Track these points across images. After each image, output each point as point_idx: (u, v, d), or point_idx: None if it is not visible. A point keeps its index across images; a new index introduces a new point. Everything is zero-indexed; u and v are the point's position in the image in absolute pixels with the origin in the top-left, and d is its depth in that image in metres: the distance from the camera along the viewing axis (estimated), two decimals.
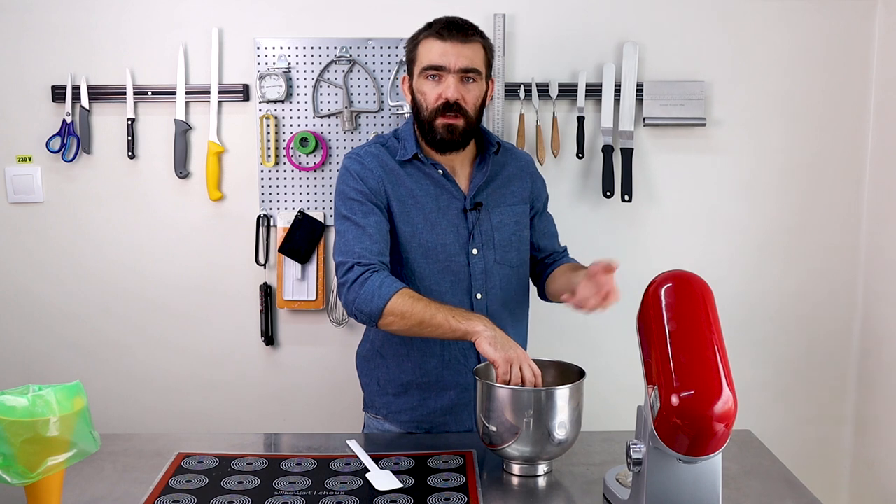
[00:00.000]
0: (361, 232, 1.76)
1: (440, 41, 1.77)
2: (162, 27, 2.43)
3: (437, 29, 1.78)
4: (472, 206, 1.85)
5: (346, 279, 1.72)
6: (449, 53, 1.76)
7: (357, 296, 1.69)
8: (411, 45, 1.84)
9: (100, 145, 2.47)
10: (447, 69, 1.76)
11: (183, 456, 1.65)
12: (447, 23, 1.79)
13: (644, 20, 2.42)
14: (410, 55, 1.84)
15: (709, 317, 1.34)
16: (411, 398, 1.89)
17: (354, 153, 1.86)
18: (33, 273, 2.52)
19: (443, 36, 1.77)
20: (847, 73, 2.44)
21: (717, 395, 1.24)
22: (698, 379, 1.26)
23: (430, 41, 1.78)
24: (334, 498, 1.48)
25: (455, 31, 1.77)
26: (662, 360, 1.30)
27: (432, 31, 1.79)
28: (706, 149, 2.47)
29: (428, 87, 1.79)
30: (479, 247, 1.85)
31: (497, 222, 1.88)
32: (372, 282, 1.69)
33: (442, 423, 1.90)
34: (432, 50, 1.77)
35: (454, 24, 1.79)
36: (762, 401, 2.53)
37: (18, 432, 1.24)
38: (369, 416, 1.98)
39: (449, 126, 1.78)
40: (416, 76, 1.81)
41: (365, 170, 1.82)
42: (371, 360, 1.95)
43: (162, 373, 2.55)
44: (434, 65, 1.77)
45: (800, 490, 1.56)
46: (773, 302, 2.53)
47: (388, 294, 1.67)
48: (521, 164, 1.98)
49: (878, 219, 2.44)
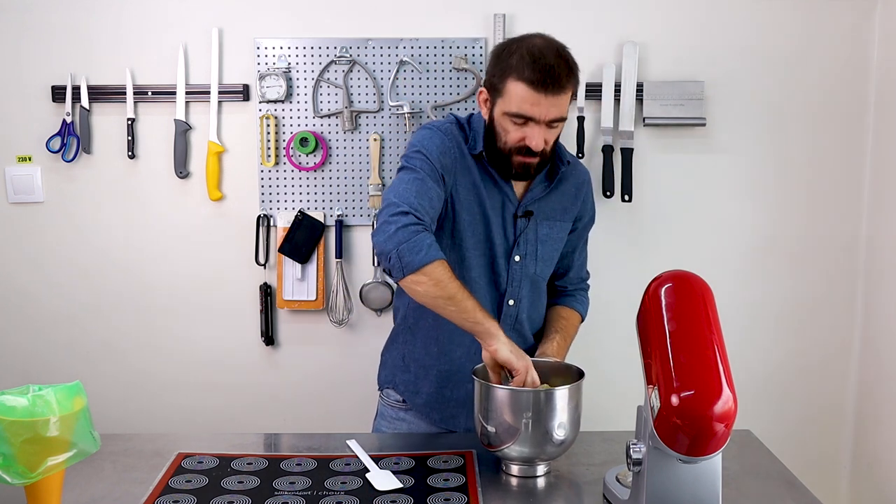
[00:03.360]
0: (425, 190, 1.69)
1: (533, 91, 1.64)
2: (162, 27, 2.43)
3: (532, 76, 1.64)
4: (522, 212, 1.83)
5: (395, 221, 1.62)
6: (541, 105, 1.65)
7: (403, 241, 1.59)
8: (498, 72, 1.70)
9: (100, 145, 2.47)
10: (536, 120, 1.68)
11: (183, 456, 1.65)
12: (544, 72, 1.64)
13: (644, 20, 2.42)
14: (496, 82, 1.71)
15: (709, 317, 1.34)
16: (430, 382, 1.88)
17: (436, 126, 1.80)
18: (33, 273, 2.52)
19: (536, 86, 1.64)
20: (847, 73, 2.44)
21: (717, 395, 1.24)
22: (698, 379, 1.26)
23: (522, 87, 1.65)
24: (334, 498, 1.48)
25: (551, 83, 1.64)
26: (662, 360, 1.30)
27: (526, 75, 1.64)
28: (706, 149, 2.47)
29: (511, 127, 1.70)
30: (522, 255, 1.84)
31: (543, 235, 1.86)
32: (423, 237, 1.60)
33: (453, 415, 1.89)
34: (523, 98, 1.66)
35: (551, 74, 1.64)
36: (762, 401, 2.53)
37: (18, 432, 1.24)
38: (385, 398, 1.96)
39: (524, 164, 1.74)
40: (500, 110, 1.71)
41: (445, 145, 1.76)
42: (400, 335, 1.93)
43: (162, 373, 2.55)
44: (523, 115, 1.67)
45: (800, 490, 1.56)
46: (772, 302, 2.53)
47: (434, 256, 1.59)
48: (578, 182, 1.93)
49: (878, 219, 2.44)
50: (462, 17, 2.41)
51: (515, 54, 1.67)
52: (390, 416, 1.94)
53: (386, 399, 1.96)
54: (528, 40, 1.70)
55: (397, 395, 1.93)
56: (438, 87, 2.42)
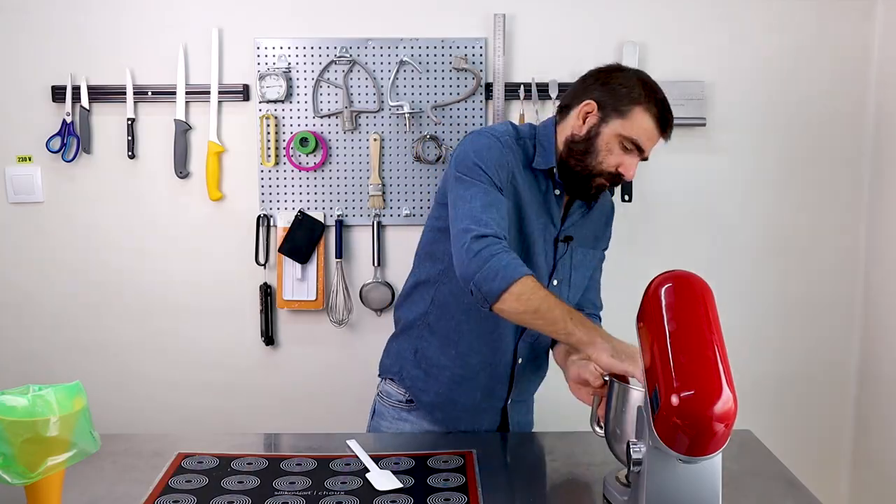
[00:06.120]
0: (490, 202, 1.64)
1: (656, 127, 1.69)
2: (162, 27, 2.43)
3: (660, 115, 1.69)
4: (563, 237, 1.80)
5: (468, 250, 1.59)
6: (653, 142, 1.72)
7: (476, 271, 1.57)
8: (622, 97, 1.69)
9: (100, 145, 2.47)
10: (641, 153, 1.71)
11: (183, 456, 1.65)
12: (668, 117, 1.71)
13: (644, 20, 2.42)
14: (617, 104, 1.70)
15: (709, 317, 1.33)
16: (442, 384, 1.84)
17: (494, 134, 1.73)
18: (33, 273, 2.52)
19: (659, 125, 1.69)
20: (847, 73, 2.44)
21: (717, 395, 1.24)
22: (698, 379, 1.26)
23: (650, 121, 1.69)
24: (334, 498, 1.48)
25: (669, 129, 1.72)
26: (662, 360, 1.30)
27: (655, 112, 1.69)
28: (706, 149, 2.47)
29: (617, 150, 1.70)
30: (559, 279, 1.81)
31: (577, 261, 1.84)
32: (496, 261, 1.56)
33: (458, 417, 1.86)
34: (646, 130, 1.69)
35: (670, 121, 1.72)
36: (762, 401, 2.53)
37: (18, 432, 1.24)
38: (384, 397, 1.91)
39: (603, 188, 1.75)
40: (615, 131, 1.69)
41: (503, 158, 1.70)
42: (415, 329, 1.87)
43: (162, 373, 2.55)
44: (638, 144, 1.70)
45: (800, 490, 1.56)
46: (772, 301, 2.53)
47: (511, 277, 1.55)
48: (607, 209, 1.93)
49: (878, 219, 2.44)
50: (462, 17, 2.41)
51: (640, 86, 1.69)
52: (391, 417, 1.92)
53: (386, 399, 1.93)
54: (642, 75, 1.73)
55: (399, 394, 1.90)
56: (438, 87, 2.42)
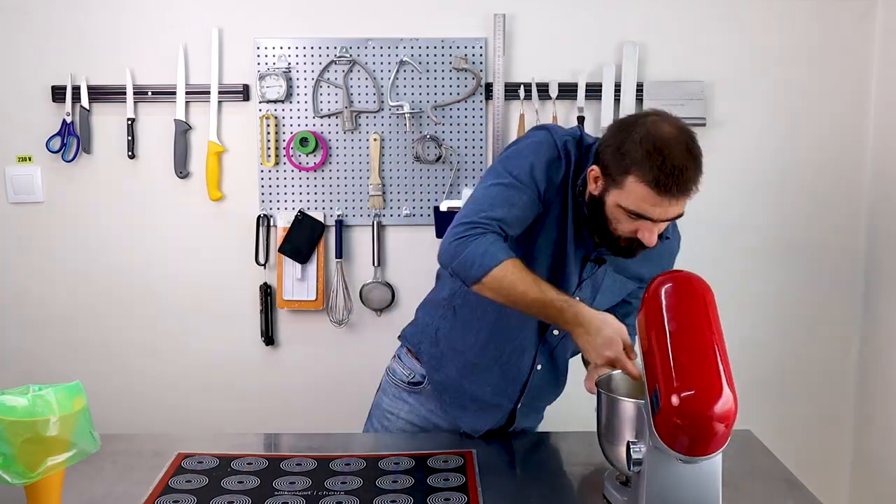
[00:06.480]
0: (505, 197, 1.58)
1: (656, 194, 1.48)
2: (162, 27, 2.43)
3: (658, 179, 1.47)
4: (594, 257, 1.72)
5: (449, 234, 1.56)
6: (663, 206, 1.50)
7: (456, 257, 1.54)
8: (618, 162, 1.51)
9: (100, 145, 2.47)
10: (654, 220, 1.52)
11: (183, 456, 1.65)
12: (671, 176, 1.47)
13: (644, 20, 2.41)
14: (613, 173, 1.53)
15: (709, 317, 1.34)
16: (455, 367, 1.81)
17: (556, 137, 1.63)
18: (33, 273, 2.52)
19: (661, 190, 1.48)
20: (847, 73, 2.44)
21: (718, 395, 1.24)
22: (698, 379, 1.26)
23: (645, 189, 1.48)
24: (334, 498, 1.48)
25: (677, 188, 1.48)
26: (662, 360, 1.30)
27: (650, 178, 1.47)
28: (706, 149, 2.42)
29: (624, 219, 1.55)
30: (582, 297, 1.73)
31: (606, 285, 1.76)
32: (475, 247, 1.51)
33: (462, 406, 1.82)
34: (644, 199, 1.49)
35: (678, 178, 1.48)
36: (762, 401, 2.53)
37: (18, 432, 1.24)
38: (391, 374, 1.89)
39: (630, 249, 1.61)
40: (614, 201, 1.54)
41: (555, 164, 1.61)
42: (440, 309, 1.83)
43: (162, 373, 2.55)
44: (642, 215, 1.52)
45: (800, 490, 1.56)
46: (773, 301, 2.53)
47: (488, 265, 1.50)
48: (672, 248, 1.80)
49: (878, 219, 2.44)
50: (462, 17, 2.41)
51: (641, 145, 1.49)
52: (392, 394, 1.89)
53: (391, 376, 1.90)
54: (658, 126, 1.52)
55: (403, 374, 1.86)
56: (438, 87, 2.42)
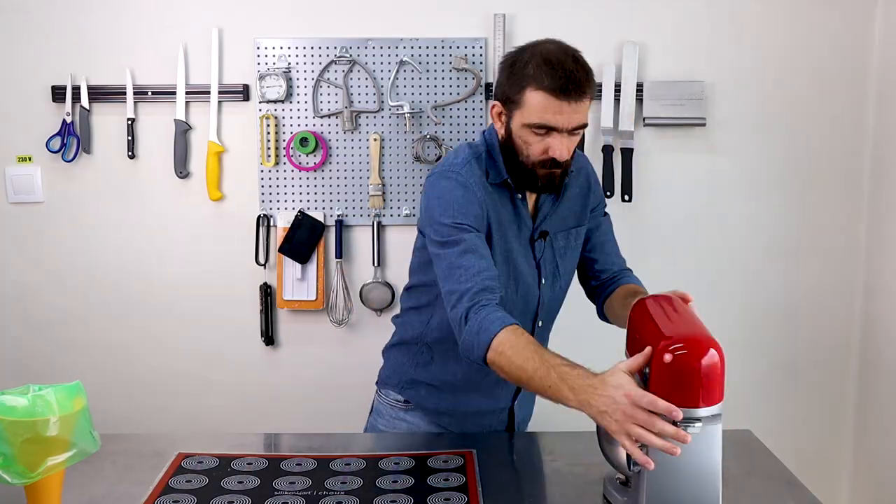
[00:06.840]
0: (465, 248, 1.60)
1: (554, 98, 1.54)
2: (162, 27, 2.43)
3: (553, 84, 1.54)
4: (538, 235, 1.75)
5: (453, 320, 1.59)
6: (563, 113, 1.56)
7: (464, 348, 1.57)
8: (514, 83, 1.59)
9: (100, 145, 2.47)
10: (558, 129, 1.58)
11: (183, 456, 1.65)
12: (565, 78, 1.54)
13: (644, 20, 2.42)
14: (512, 94, 1.60)
15: (687, 310, 1.43)
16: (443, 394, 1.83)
17: (454, 172, 1.67)
18: (33, 273, 2.52)
19: (558, 94, 1.54)
20: (847, 73, 2.44)
21: (706, 347, 1.29)
22: (686, 337, 1.31)
23: (543, 96, 1.55)
24: (334, 498, 1.48)
25: (573, 89, 1.54)
26: (652, 334, 1.35)
27: (546, 84, 1.54)
28: (706, 149, 2.47)
29: (533, 139, 1.60)
30: (546, 277, 1.77)
31: (560, 248, 1.79)
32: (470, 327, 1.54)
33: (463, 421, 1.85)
34: (545, 108, 1.56)
35: (571, 79, 1.54)
36: (762, 401, 2.53)
37: (18, 432, 1.24)
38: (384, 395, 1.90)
39: (550, 176, 1.64)
40: (519, 123, 1.61)
41: (468, 194, 1.65)
42: (415, 345, 1.85)
43: (162, 373, 2.55)
44: (546, 125, 1.57)
45: (800, 490, 1.56)
46: (772, 302, 2.53)
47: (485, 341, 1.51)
48: (582, 177, 1.82)
49: (878, 219, 2.44)
50: (462, 17, 2.41)
51: (530, 63, 1.57)
52: (388, 416, 1.91)
53: (384, 398, 1.92)
54: (541, 46, 1.60)
55: (396, 394, 1.89)
56: (438, 87, 2.42)
